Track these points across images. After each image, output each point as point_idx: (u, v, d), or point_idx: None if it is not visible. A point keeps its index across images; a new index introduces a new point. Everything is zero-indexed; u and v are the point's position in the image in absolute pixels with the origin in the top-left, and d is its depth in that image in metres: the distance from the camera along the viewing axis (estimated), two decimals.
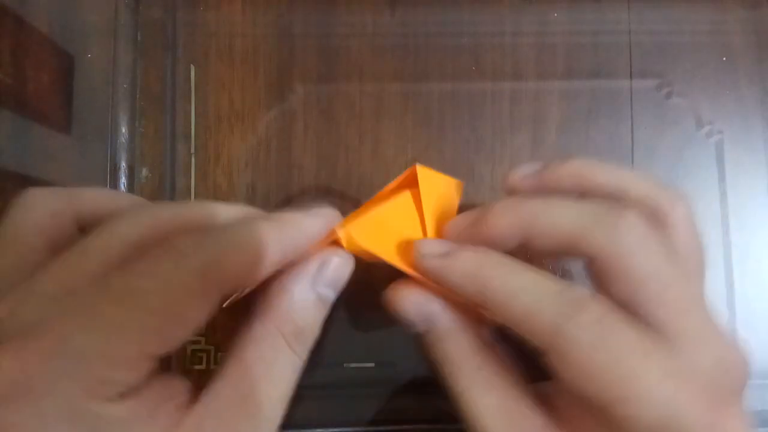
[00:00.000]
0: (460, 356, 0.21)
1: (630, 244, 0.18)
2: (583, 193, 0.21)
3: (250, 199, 0.30)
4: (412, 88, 0.31)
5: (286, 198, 0.30)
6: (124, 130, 0.30)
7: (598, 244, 0.19)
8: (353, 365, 0.29)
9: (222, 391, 0.19)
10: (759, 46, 0.31)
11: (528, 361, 0.21)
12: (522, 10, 0.31)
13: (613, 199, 0.20)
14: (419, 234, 0.23)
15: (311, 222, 0.21)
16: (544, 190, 0.22)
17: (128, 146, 0.30)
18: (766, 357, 0.29)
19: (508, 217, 0.20)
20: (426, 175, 0.24)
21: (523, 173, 0.23)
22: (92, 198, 0.21)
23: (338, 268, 0.21)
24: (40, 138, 0.29)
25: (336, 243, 0.22)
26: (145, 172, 0.30)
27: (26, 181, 0.29)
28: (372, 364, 0.29)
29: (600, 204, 0.19)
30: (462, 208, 0.24)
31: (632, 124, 0.31)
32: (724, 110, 0.31)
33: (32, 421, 0.15)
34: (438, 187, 0.24)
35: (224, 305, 0.19)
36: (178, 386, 0.19)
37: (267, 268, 0.19)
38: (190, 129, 0.30)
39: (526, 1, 0.31)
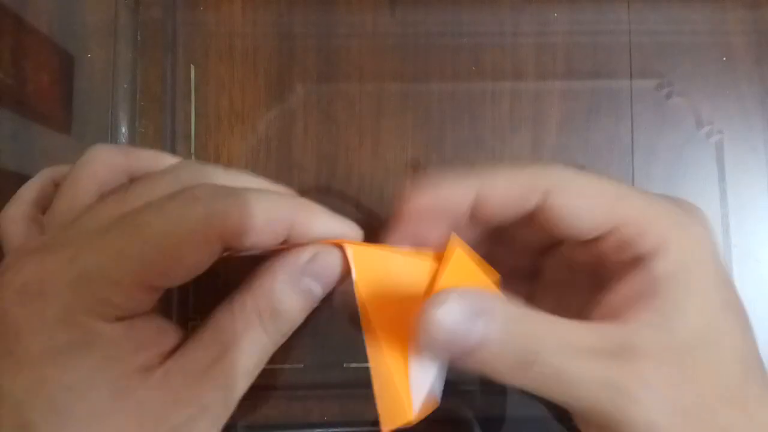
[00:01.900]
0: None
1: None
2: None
3: None
4: (412, 88, 0.31)
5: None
6: (124, 130, 0.30)
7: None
8: (353, 365, 0.29)
9: (193, 352, 0.20)
10: (759, 46, 0.31)
11: None
12: (522, 10, 0.31)
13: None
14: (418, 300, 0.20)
15: (327, 221, 0.21)
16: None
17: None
18: (766, 357, 0.29)
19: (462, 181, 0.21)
20: (460, 255, 0.21)
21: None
22: (145, 156, 0.23)
23: (328, 265, 0.21)
24: (40, 138, 0.29)
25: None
26: None
27: (26, 181, 0.29)
28: None
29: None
30: None
31: (632, 124, 0.31)
32: (724, 110, 0.31)
33: (34, 320, 0.17)
34: (465, 271, 0.21)
35: (223, 254, 0.20)
36: (171, 335, 0.20)
37: (267, 236, 0.19)
38: (190, 129, 0.30)
39: (526, 1, 0.31)
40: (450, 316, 0.18)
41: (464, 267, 0.21)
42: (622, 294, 0.21)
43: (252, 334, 0.20)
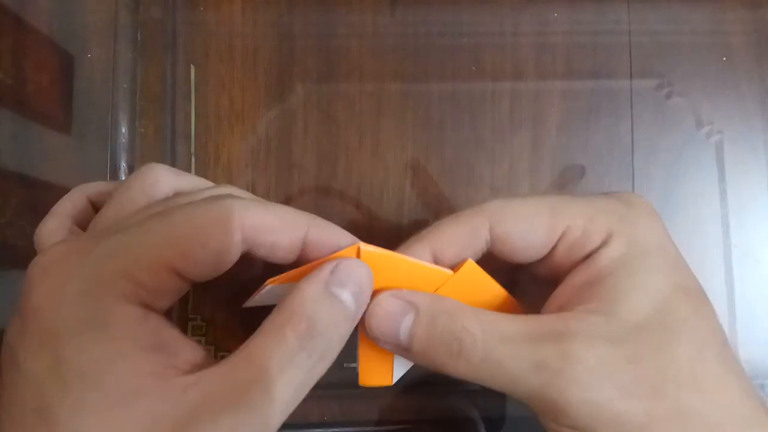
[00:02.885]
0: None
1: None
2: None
3: None
4: (412, 88, 0.31)
5: (286, 198, 0.30)
6: (124, 130, 0.30)
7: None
8: (353, 365, 0.29)
9: (219, 372, 0.18)
10: (759, 46, 0.31)
11: None
12: (522, 10, 0.31)
13: None
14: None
15: (340, 231, 0.21)
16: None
17: (128, 146, 0.30)
18: (766, 357, 0.29)
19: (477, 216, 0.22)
20: (472, 265, 0.22)
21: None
22: (192, 179, 0.24)
23: (352, 272, 0.20)
24: (40, 138, 0.29)
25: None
26: None
27: (26, 181, 0.29)
28: None
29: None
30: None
31: (632, 124, 0.31)
32: (724, 110, 0.31)
33: (54, 296, 0.18)
34: (475, 279, 0.22)
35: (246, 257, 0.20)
36: (193, 351, 0.19)
37: (285, 237, 0.20)
38: (190, 129, 0.30)
39: (526, 1, 0.31)
40: (381, 312, 0.20)
41: (475, 275, 0.22)
42: (568, 288, 0.21)
43: (288, 355, 0.18)
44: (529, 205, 0.21)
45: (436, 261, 0.22)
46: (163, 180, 0.23)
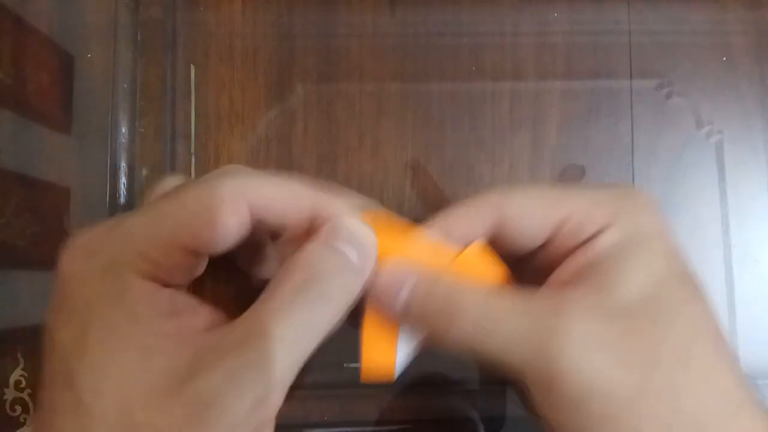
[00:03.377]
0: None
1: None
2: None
3: None
4: (412, 88, 0.31)
5: None
6: (124, 130, 0.30)
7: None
8: (353, 365, 0.29)
9: (228, 328, 0.19)
10: (759, 46, 0.31)
11: None
12: (522, 10, 0.31)
13: None
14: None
15: (340, 204, 0.22)
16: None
17: (128, 146, 0.30)
18: (766, 357, 0.29)
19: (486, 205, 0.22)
20: (479, 245, 0.23)
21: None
22: None
23: (354, 228, 0.21)
24: (40, 138, 0.29)
25: None
26: (145, 172, 0.30)
27: (26, 181, 0.29)
28: None
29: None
30: None
31: (632, 124, 0.31)
32: (724, 110, 0.31)
33: (81, 274, 0.19)
34: (479, 258, 0.23)
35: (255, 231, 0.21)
36: (207, 315, 0.21)
37: (293, 209, 0.21)
38: (190, 129, 0.30)
39: (526, 1, 0.31)
40: (384, 274, 0.21)
41: (481, 257, 0.22)
42: (565, 271, 0.21)
43: (289, 298, 0.19)
44: (534, 191, 0.22)
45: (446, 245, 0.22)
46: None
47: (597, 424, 0.19)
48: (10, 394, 0.28)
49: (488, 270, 0.23)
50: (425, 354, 0.30)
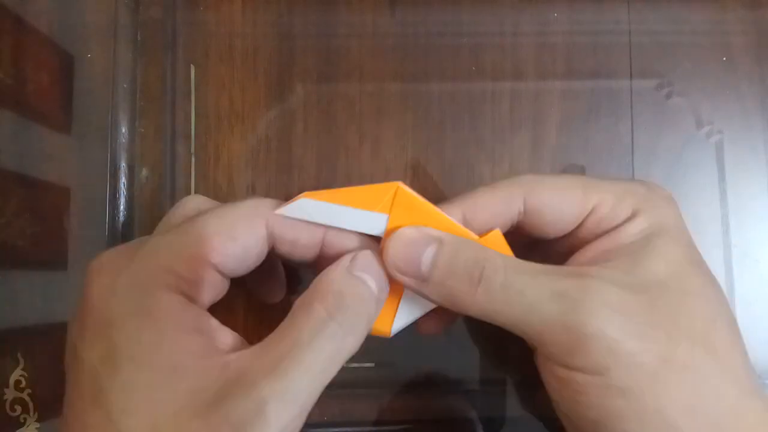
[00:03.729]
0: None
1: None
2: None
3: None
4: (412, 88, 0.31)
5: (286, 198, 0.30)
6: (124, 130, 0.30)
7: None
8: (353, 365, 0.29)
9: (255, 349, 0.19)
10: (759, 46, 0.31)
11: None
12: (522, 10, 0.31)
13: None
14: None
15: (351, 235, 0.23)
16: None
17: (128, 146, 0.30)
18: (766, 357, 0.29)
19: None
20: (496, 233, 0.23)
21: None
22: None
23: (368, 260, 0.22)
24: (40, 138, 0.29)
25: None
26: (145, 172, 0.30)
27: (26, 181, 0.29)
28: (372, 364, 0.29)
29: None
30: None
31: (632, 124, 0.31)
32: (724, 110, 0.31)
33: (107, 290, 0.20)
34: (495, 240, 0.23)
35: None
36: (231, 337, 0.21)
37: (307, 234, 0.22)
38: (190, 129, 0.30)
39: (526, 1, 0.31)
40: (405, 240, 0.21)
41: (499, 247, 0.23)
42: (590, 251, 0.22)
43: (318, 325, 0.19)
44: (563, 180, 0.23)
45: (466, 225, 0.23)
46: (201, 207, 0.24)
47: (619, 393, 0.19)
48: (10, 394, 0.28)
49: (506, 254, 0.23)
50: (425, 354, 0.30)
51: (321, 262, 0.23)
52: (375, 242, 0.23)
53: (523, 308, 0.20)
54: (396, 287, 0.23)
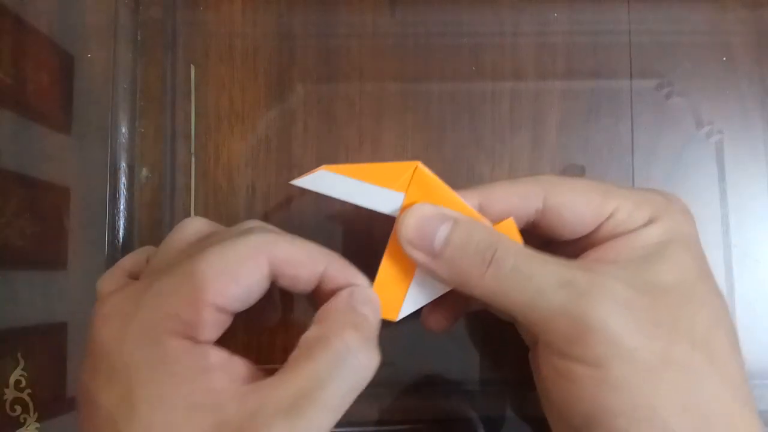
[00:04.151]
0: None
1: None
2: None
3: (250, 199, 0.30)
4: (412, 88, 0.31)
5: (286, 198, 0.30)
6: (124, 130, 0.30)
7: None
8: None
9: (272, 384, 0.20)
10: (759, 46, 0.31)
11: None
12: (522, 10, 0.31)
13: None
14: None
15: (351, 270, 0.23)
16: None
17: (128, 146, 0.30)
18: (766, 357, 0.29)
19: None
20: (509, 230, 0.23)
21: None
22: (228, 228, 0.26)
23: (366, 293, 0.22)
24: (40, 138, 0.29)
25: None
26: (145, 172, 0.30)
27: (26, 181, 0.29)
28: None
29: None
30: None
31: (632, 124, 0.31)
32: (724, 110, 0.31)
33: (119, 338, 0.20)
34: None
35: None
36: (242, 367, 0.21)
37: (307, 269, 0.22)
38: (190, 129, 0.30)
39: (526, 1, 0.31)
40: (420, 215, 0.22)
41: (513, 229, 0.23)
42: (602, 253, 0.22)
43: (332, 365, 0.20)
44: (584, 184, 0.23)
45: (480, 213, 0.23)
46: (201, 229, 0.24)
47: (615, 387, 0.19)
48: (10, 394, 0.28)
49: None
50: (425, 354, 0.30)
51: (319, 293, 0.23)
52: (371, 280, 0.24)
53: (530, 293, 0.20)
54: (404, 273, 0.23)
